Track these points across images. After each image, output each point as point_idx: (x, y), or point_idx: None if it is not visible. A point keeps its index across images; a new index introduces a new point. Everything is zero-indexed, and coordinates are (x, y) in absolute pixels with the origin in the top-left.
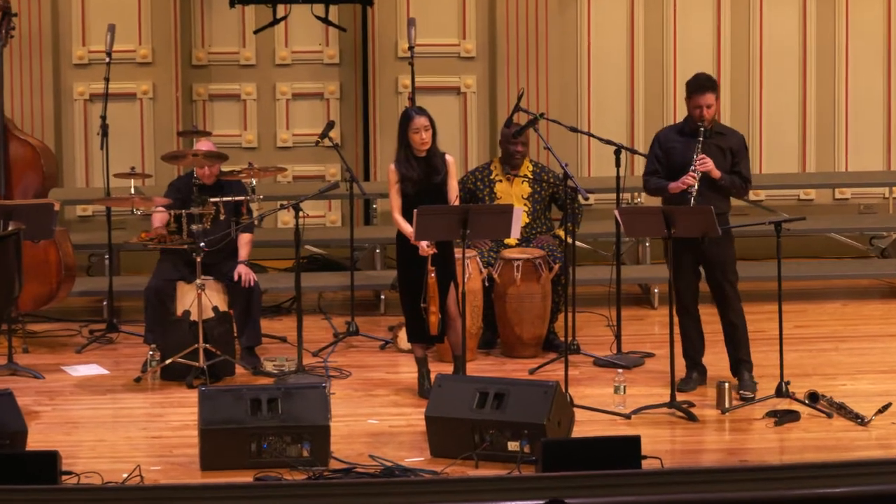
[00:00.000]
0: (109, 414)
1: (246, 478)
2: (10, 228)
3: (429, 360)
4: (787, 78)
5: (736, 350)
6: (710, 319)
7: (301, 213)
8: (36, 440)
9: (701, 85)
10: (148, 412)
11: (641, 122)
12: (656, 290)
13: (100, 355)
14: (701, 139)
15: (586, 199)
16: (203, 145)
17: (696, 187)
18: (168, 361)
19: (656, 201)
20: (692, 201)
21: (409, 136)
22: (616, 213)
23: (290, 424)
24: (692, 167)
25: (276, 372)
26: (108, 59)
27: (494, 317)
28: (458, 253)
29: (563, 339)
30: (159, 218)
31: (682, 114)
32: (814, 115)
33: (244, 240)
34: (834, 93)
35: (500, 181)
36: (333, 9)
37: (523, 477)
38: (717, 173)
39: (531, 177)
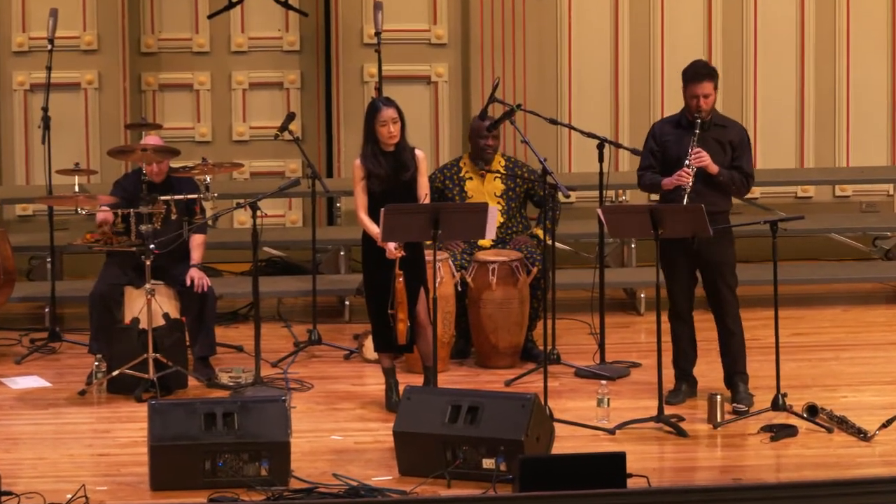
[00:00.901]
0: (52, 430)
1: (199, 499)
2: None
3: (397, 371)
4: (783, 66)
5: (732, 360)
6: (702, 326)
7: (259, 213)
8: None
9: (697, 73)
10: (93, 428)
11: (626, 114)
12: (642, 295)
13: (41, 366)
14: (697, 132)
15: (567, 196)
16: (151, 140)
17: (690, 184)
18: (115, 373)
19: (644, 198)
20: (685, 199)
21: (376, 130)
22: (599, 212)
23: (247, 441)
24: (686, 162)
25: (231, 384)
26: (50, 47)
27: (468, 324)
28: (428, 255)
29: (542, 348)
30: (102, 216)
31: (669, 104)
32: (812, 106)
33: (197, 241)
34: (834, 82)
35: (471, 178)
36: None
37: (499, 497)
38: (713, 168)
39: (504, 172)
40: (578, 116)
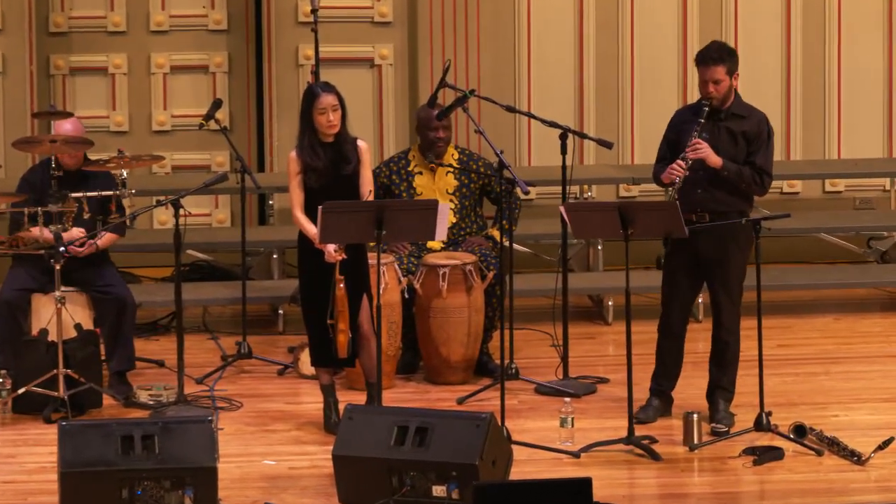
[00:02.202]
0: None
1: None
2: None
3: (337, 389)
4: (767, 46)
5: (720, 373)
6: (686, 337)
7: (182, 212)
8: None
9: (707, 57)
10: None
11: (592, 101)
12: (610, 303)
13: None
14: (701, 120)
15: (526, 192)
16: (67, 124)
17: (679, 179)
18: (21, 390)
19: (611, 195)
20: (670, 195)
21: (314, 118)
22: (562, 209)
23: (169, 466)
24: (683, 154)
25: (152, 403)
26: None
27: (416, 335)
28: (372, 259)
29: (498, 361)
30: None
31: (641, 89)
32: (799, 93)
33: (108, 238)
34: (824, 65)
35: (420, 173)
36: None
37: None
38: (715, 160)
39: (457, 166)
40: (539, 103)
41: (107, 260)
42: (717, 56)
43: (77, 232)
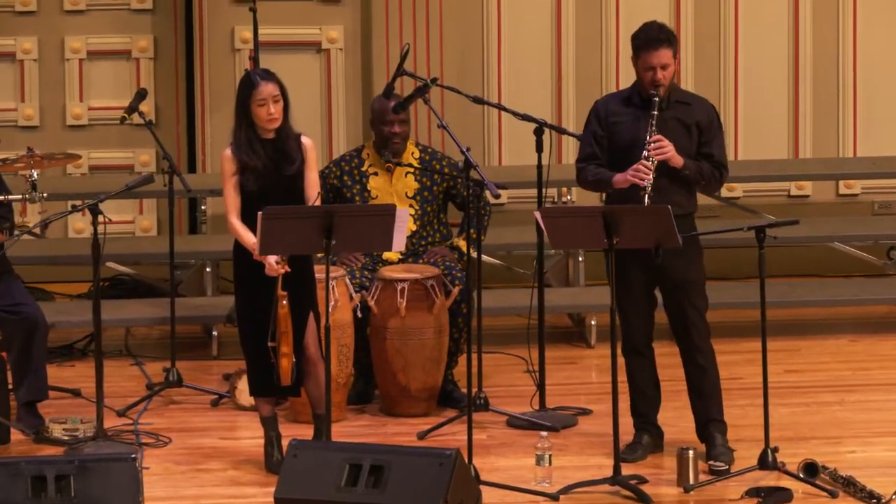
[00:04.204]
0: None
1: None
2: None
3: (280, 421)
4: (773, 34)
5: (705, 405)
6: (667, 362)
7: (101, 218)
8: None
9: (652, 38)
10: None
11: (572, 91)
12: (593, 322)
13: None
14: (655, 112)
15: (497, 196)
16: None
17: (650, 182)
18: None
19: (594, 198)
20: (646, 200)
21: (252, 110)
22: (537, 215)
23: None
24: (644, 153)
25: (66, 438)
26: None
27: (370, 360)
28: (319, 272)
29: (464, 390)
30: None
31: (626, 79)
32: (809, 84)
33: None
34: (838, 54)
35: (376, 174)
36: None
37: None
38: (678, 160)
39: (418, 166)
40: (511, 94)
41: (12, 274)
42: (665, 37)
43: None
